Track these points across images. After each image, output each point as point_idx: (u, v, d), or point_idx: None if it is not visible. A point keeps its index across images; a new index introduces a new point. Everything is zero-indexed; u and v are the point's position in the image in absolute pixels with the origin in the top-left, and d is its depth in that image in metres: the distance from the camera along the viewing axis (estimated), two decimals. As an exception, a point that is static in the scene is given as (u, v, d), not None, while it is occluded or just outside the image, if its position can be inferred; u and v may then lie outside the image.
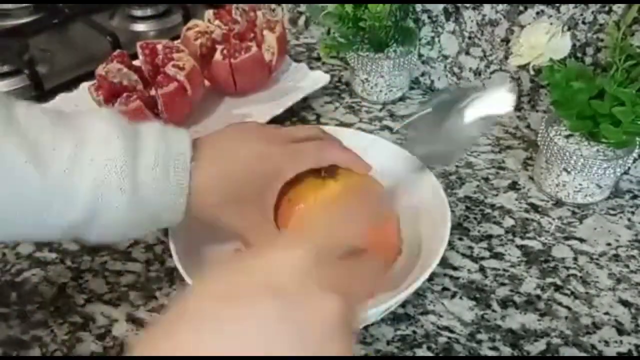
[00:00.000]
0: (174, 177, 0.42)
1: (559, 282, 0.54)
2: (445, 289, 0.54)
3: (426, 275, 0.47)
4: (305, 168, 0.48)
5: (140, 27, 0.95)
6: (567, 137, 0.60)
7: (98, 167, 0.39)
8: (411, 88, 0.80)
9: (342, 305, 0.26)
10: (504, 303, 0.53)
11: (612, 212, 0.62)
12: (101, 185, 0.39)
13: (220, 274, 0.27)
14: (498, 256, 0.57)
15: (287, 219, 0.49)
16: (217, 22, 0.77)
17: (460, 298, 0.53)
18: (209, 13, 0.78)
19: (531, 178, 0.66)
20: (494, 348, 0.49)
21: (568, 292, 0.54)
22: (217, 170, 0.44)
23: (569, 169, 0.59)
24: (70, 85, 0.78)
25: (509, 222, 0.61)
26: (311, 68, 0.81)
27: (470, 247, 0.58)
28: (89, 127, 0.41)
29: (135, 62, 0.71)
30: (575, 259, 0.57)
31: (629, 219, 0.61)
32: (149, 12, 0.96)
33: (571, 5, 0.61)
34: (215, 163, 0.45)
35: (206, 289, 0.27)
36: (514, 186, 0.65)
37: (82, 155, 0.39)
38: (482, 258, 0.57)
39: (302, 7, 0.92)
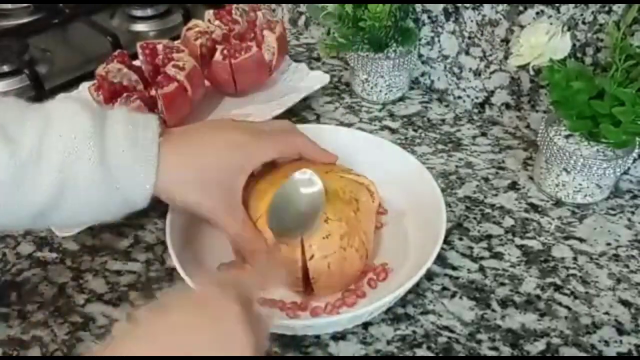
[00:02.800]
0: (142, 149, 0.42)
1: (558, 282, 0.54)
2: (445, 288, 0.54)
3: (417, 277, 0.47)
4: (271, 156, 0.49)
5: (140, 27, 0.95)
6: (567, 137, 0.60)
7: (66, 140, 0.40)
8: (411, 88, 0.80)
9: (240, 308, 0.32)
10: (504, 303, 0.53)
11: (612, 212, 0.62)
12: (69, 156, 0.40)
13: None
14: (498, 256, 0.57)
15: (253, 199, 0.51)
16: (217, 22, 0.77)
17: (460, 298, 0.53)
18: (209, 13, 0.78)
19: (531, 178, 0.66)
20: (494, 348, 0.49)
21: (568, 292, 0.54)
22: (186, 150, 0.45)
23: (568, 169, 0.59)
24: (70, 85, 0.78)
25: (508, 222, 0.61)
26: (311, 68, 0.81)
27: (470, 247, 0.58)
28: (56, 106, 0.42)
29: (136, 62, 0.71)
30: (575, 258, 0.57)
31: (628, 219, 0.61)
32: (149, 12, 0.96)
33: (571, 5, 0.61)
34: (184, 142, 0.45)
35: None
36: (513, 186, 0.65)
37: (51, 132, 0.40)
38: (482, 258, 0.57)
39: (302, 7, 0.92)
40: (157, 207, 0.61)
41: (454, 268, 0.56)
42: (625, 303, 0.53)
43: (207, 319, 0.32)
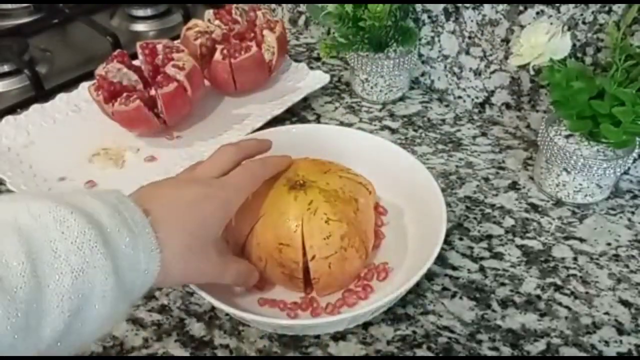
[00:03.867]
0: (140, 234, 0.36)
1: (559, 282, 0.54)
2: (445, 289, 0.54)
3: (417, 277, 0.47)
4: (246, 196, 0.46)
5: (140, 27, 0.95)
6: (567, 137, 0.60)
7: (67, 252, 0.32)
8: (411, 88, 0.80)
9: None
10: (504, 303, 0.53)
11: (612, 212, 0.62)
12: (82, 268, 0.32)
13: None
14: (498, 256, 0.57)
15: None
16: (217, 22, 0.77)
17: (460, 298, 0.53)
18: (209, 13, 0.78)
19: (531, 178, 0.66)
20: (494, 348, 0.49)
21: (568, 292, 0.54)
22: (175, 220, 0.40)
23: (569, 169, 0.59)
24: (70, 85, 0.78)
25: (509, 222, 0.61)
26: (311, 68, 0.81)
27: (470, 247, 0.58)
28: (17, 215, 0.32)
29: (135, 62, 0.71)
30: (575, 259, 0.57)
31: (629, 219, 0.61)
32: (149, 12, 0.96)
33: (571, 5, 0.61)
34: (169, 212, 0.40)
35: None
36: (514, 186, 0.65)
37: (40, 249, 0.31)
38: (482, 258, 0.57)
39: (302, 7, 0.92)
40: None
41: (454, 268, 0.56)
42: (625, 303, 0.53)
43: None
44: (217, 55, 0.71)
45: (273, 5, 0.95)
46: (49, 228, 0.31)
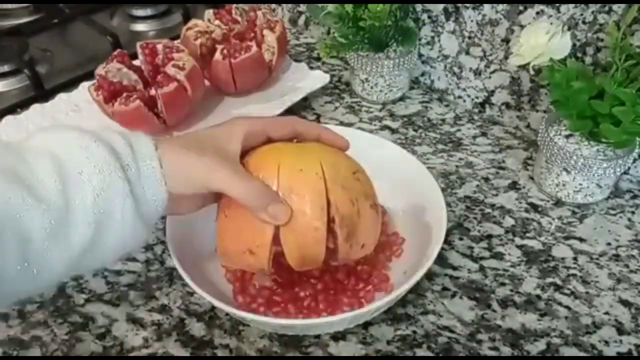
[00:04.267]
0: (145, 156, 0.40)
1: (559, 282, 0.54)
2: (445, 288, 0.54)
3: (417, 277, 0.47)
4: (258, 124, 0.46)
5: (140, 27, 0.95)
6: (567, 137, 0.60)
7: (92, 178, 0.37)
8: (411, 88, 0.80)
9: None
10: (504, 303, 0.53)
11: (612, 212, 0.62)
12: (103, 188, 0.37)
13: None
14: (498, 256, 0.57)
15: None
16: (217, 22, 0.77)
17: (460, 298, 0.53)
18: (209, 13, 0.78)
19: (531, 178, 0.66)
20: (494, 348, 0.49)
21: (568, 292, 0.54)
22: (181, 142, 0.43)
23: (569, 169, 0.59)
24: (70, 85, 0.78)
25: (509, 222, 0.61)
26: (311, 68, 0.81)
27: (470, 247, 0.58)
28: (46, 141, 0.38)
29: (135, 62, 0.71)
30: (575, 258, 0.57)
31: (629, 219, 0.61)
32: (149, 12, 0.96)
33: (571, 5, 0.61)
34: (178, 140, 0.43)
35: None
36: (514, 186, 0.65)
37: (68, 171, 0.36)
38: (482, 258, 0.57)
39: (302, 7, 0.92)
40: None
41: (454, 268, 0.56)
42: (625, 303, 0.53)
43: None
44: (217, 55, 0.71)
45: (273, 5, 0.95)
46: (75, 154, 0.37)
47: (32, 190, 0.34)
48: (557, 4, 0.62)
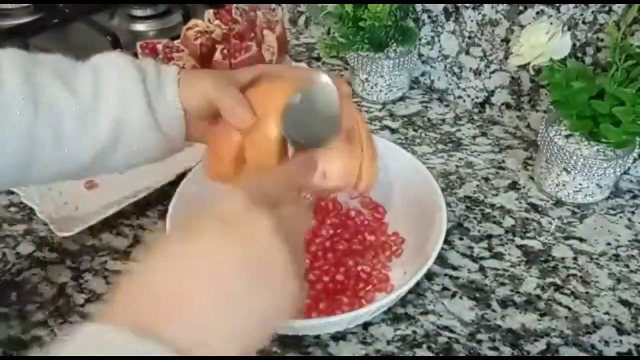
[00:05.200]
0: (166, 76, 0.47)
1: (559, 282, 0.54)
2: (445, 288, 0.54)
3: (418, 277, 0.47)
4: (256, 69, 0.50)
5: (140, 27, 0.95)
6: (567, 137, 0.60)
7: (117, 84, 0.45)
8: (411, 88, 0.80)
9: (273, 221, 0.32)
10: (504, 303, 0.53)
11: (612, 211, 0.62)
12: (121, 97, 0.44)
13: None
14: (498, 256, 0.57)
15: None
16: (217, 22, 0.77)
17: (460, 298, 0.53)
18: (209, 13, 0.78)
19: (531, 178, 0.66)
20: (494, 348, 0.49)
21: (568, 292, 0.54)
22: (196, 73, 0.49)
23: (569, 169, 0.59)
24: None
25: (509, 222, 0.61)
26: (311, 68, 0.81)
27: (470, 247, 0.58)
28: (99, 58, 0.46)
29: (135, 62, 0.71)
30: (575, 258, 0.57)
31: (629, 219, 0.61)
32: (149, 12, 0.96)
33: (571, 5, 0.61)
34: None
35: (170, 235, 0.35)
36: (514, 186, 0.65)
37: (103, 79, 0.44)
38: (482, 258, 0.57)
39: (302, 7, 0.92)
40: (157, 207, 0.62)
41: (454, 268, 0.56)
42: (625, 303, 0.53)
43: (238, 239, 0.31)
44: (217, 55, 0.71)
45: (273, 5, 0.95)
46: (111, 71, 0.45)
47: (69, 86, 0.43)
48: (557, 4, 0.62)
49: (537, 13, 0.64)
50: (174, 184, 0.57)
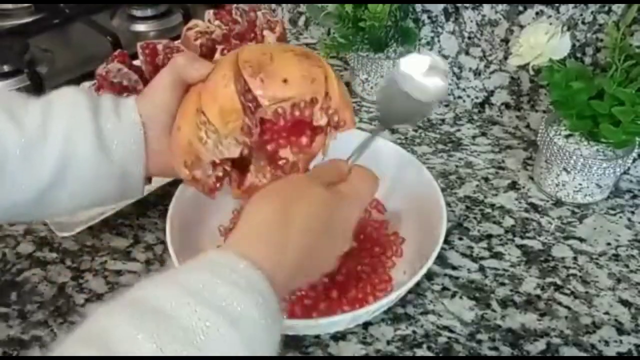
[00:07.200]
0: (126, 117, 0.46)
1: (559, 282, 0.54)
2: (445, 288, 0.54)
3: (418, 277, 0.47)
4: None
5: (140, 27, 0.95)
6: (567, 137, 0.60)
7: (67, 118, 0.44)
8: (411, 88, 0.80)
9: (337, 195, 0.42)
10: (504, 303, 0.53)
11: (612, 211, 0.62)
12: (70, 132, 0.43)
13: None
14: (498, 256, 0.57)
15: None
16: (217, 22, 0.77)
17: (460, 298, 0.53)
18: (209, 13, 0.78)
19: (531, 178, 0.66)
20: (494, 348, 0.49)
21: (568, 291, 0.54)
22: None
23: (568, 169, 0.59)
24: (70, 85, 0.77)
25: (508, 221, 0.61)
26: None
27: (470, 247, 0.58)
28: (54, 93, 0.46)
29: (136, 62, 0.71)
30: (575, 258, 0.57)
31: (628, 219, 0.61)
32: (149, 12, 0.96)
33: (571, 5, 0.61)
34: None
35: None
36: (513, 186, 0.65)
37: (53, 113, 0.44)
38: (482, 258, 0.57)
39: (302, 7, 0.92)
40: (157, 207, 0.62)
41: (454, 268, 0.56)
42: (625, 303, 0.53)
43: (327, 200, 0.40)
44: (217, 56, 0.71)
45: (273, 5, 0.95)
46: (63, 106, 0.45)
47: (16, 119, 0.43)
48: (557, 4, 0.62)
49: (537, 13, 0.64)
50: (174, 184, 0.57)
